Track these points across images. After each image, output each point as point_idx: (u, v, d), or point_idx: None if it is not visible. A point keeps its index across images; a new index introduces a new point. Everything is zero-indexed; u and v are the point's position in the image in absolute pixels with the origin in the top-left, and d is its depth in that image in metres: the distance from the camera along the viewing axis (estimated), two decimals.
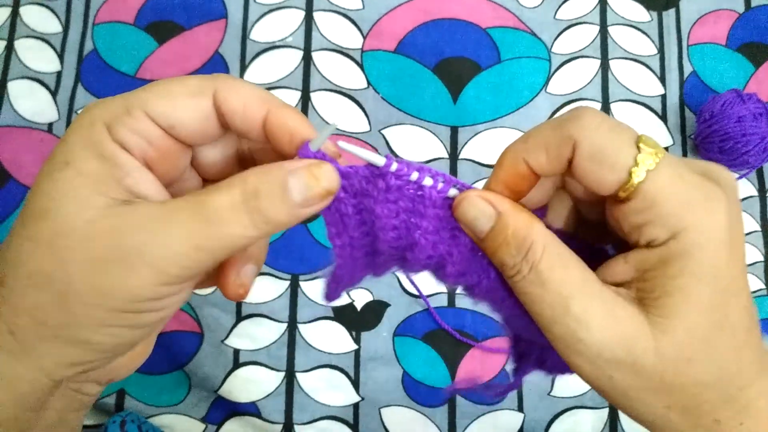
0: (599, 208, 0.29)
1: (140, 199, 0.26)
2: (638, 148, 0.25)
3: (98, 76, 0.67)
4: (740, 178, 0.66)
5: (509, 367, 0.37)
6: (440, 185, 0.28)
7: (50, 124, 0.66)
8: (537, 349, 0.34)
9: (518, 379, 0.36)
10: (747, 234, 0.66)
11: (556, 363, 0.34)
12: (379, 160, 0.28)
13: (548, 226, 0.28)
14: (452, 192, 0.29)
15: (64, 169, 0.25)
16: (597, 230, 0.30)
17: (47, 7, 0.69)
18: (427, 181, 0.28)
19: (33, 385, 0.27)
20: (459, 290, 0.33)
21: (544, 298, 0.27)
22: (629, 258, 0.27)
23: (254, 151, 0.31)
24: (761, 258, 0.65)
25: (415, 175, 0.28)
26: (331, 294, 0.34)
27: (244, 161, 0.31)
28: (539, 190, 0.29)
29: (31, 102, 0.67)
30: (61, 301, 0.25)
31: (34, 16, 0.69)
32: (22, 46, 0.68)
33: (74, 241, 0.25)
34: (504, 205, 0.28)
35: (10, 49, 0.68)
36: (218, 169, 0.31)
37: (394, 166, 0.28)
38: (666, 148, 0.67)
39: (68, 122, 0.66)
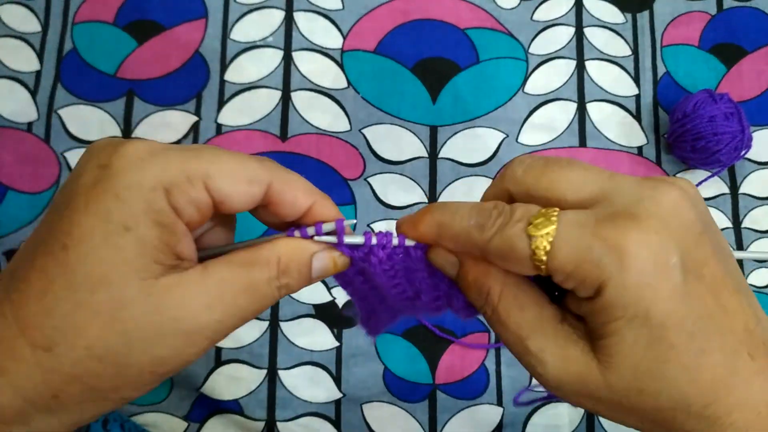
0: None
1: (183, 262, 0.28)
2: (529, 234, 0.27)
3: (78, 75, 0.67)
4: (712, 176, 0.68)
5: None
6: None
7: (29, 124, 0.66)
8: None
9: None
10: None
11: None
12: (359, 239, 0.31)
13: None
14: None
15: (124, 236, 0.25)
16: None
17: (26, 6, 0.69)
18: (409, 242, 0.32)
19: None
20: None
21: (505, 338, 0.30)
22: (576, 305, 0.29)
23: (273, 190, 0.32)
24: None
25: (395, 241, 0.31)
26: (372, 332, 0.41)
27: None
28: None
29: (10, 102, 0.67)
30: (118, 371, 0.26)
31: (13, 15, 0.69)
32: (0, 45, 0.68)
33: (136, 314, 0.26)
34: (463, 255, 0.30)
35: None
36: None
37: (374, 240, 0.31)
38: (640, 147, 0.68)
39: (48, 122, 0.66)
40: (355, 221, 0.32)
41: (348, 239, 0.31)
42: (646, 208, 0.26)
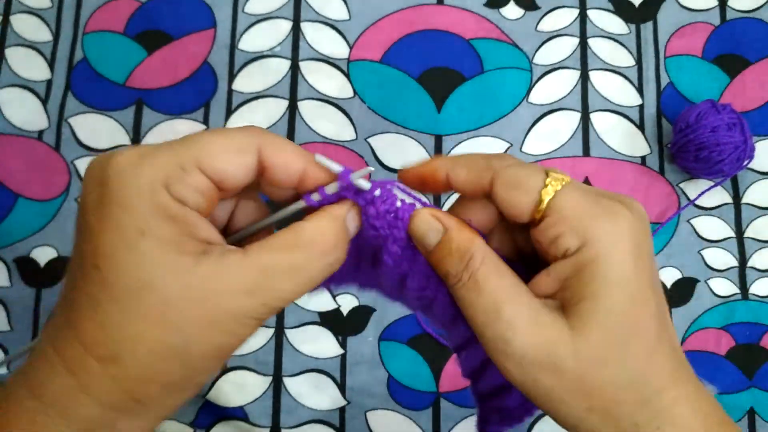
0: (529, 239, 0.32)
1: (213, 246, 0.28)
2: (547, 174, 0.30)
3: (88, 84, 0.68)
4: (715, 185, 0.68)
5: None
6: (407, 200, 0.32)
7: (40, 132, 0.67)
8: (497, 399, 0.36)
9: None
10: (722, 240, 0.68)
11: (514, 410, 0.36)
12: (365, 185, 0.31)
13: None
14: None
15: (142, 239, 0.26)
16: (531, 261, 0.33)
17: (38, 15, 0.70)
18: (405, 199, 0.32)
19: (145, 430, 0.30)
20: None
21: (479, 303, 0.30)
22: (551, 271, 0.30)
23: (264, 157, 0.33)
24: (736, 264, 0.67)
25: (401, 196, 0.32)
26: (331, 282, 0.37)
27: None
28: (484, 216, 0.33)
29: (22, 110, 0.68)
30: (184, 364, 0.28)
31: (24, 25, 0.70)
32: (12, 54, 0.69)
33: (182, 308, 0.27)
34: (450, 222, 0.31)
35: (0, 57, 0.69)
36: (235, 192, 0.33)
37: (378, 192, 0.31)
38: (644, 157, 0.69)
39: (58, 130, 0.67)
40: (371, 169, 0.31)
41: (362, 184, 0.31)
42: (630, 202, 0.30)
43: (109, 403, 0.28)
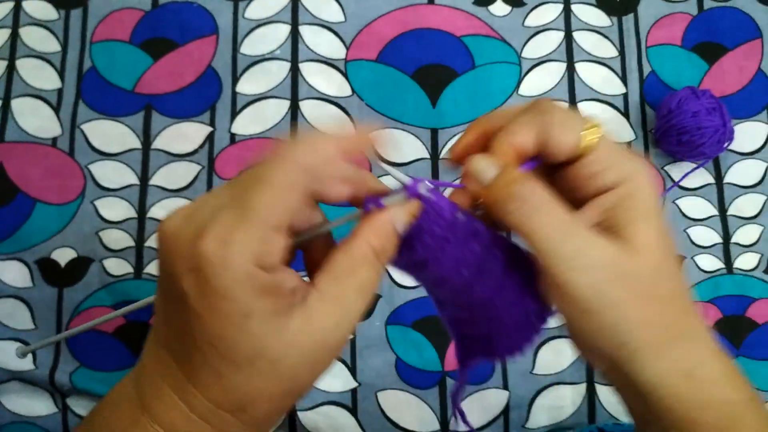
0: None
1: (295, 293, 0.31)
2: (584, 120, 0.33)
3: (98, 92, 0.71)
4: (698, 167, 0.72)
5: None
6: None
7: (54, 139, 0.70)
8: (482, 341, 0.39)
9: (464, 375, 0.41)
10: (706, 218, 0.72)
11: (503, 346, 0.39)
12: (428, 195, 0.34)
13: None
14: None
15: (249, 321, 0.29)
16: None
17: (46, 27, 0.73)
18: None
19: None
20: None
21: (550, 221, 0.32)
22: (592, 206, 0.34)
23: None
24: (720, 240, 0.71)
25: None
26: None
27: None
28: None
29: (35, 118, 0.71)
30: (296, 397, 0.33)
31: (33, 37, 0.73)
32: (23, 65, 0.72)
33: (292, 363, 0.30)
34: (502, 160, 0.34)
35: (11, 68, 0.72)
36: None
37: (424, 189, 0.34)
38: (629, 143, 0.73)
39: (71, 137, 0.70)
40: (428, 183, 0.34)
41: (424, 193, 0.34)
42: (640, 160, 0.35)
43: None
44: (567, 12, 0.76)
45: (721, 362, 0.34)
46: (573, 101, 0.73)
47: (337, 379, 0.67)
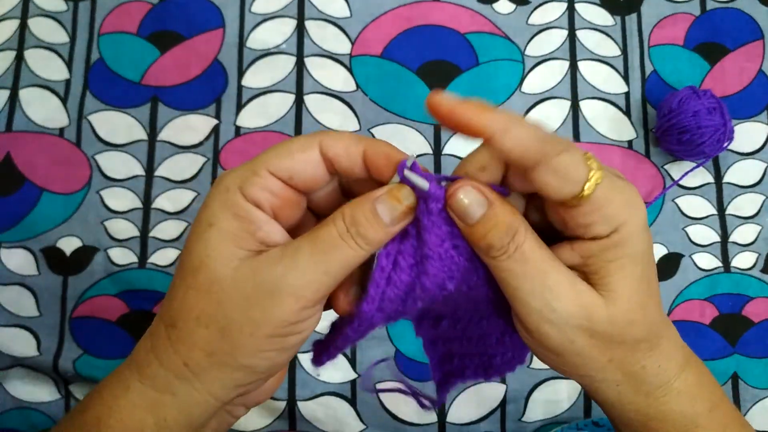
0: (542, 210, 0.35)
1: (271, 248, 0.32)
2: (588, 166, 0.30)
3: (105, 83, 0.72)
4: (698, 166, 0.73)
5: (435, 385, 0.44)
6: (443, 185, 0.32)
7: (61, 129, 0.71)
8: (458, 362, 0.40)
9: (444, 395, 0.43)
10: (705, 217, 0.72)
11: (475, 370, 0.41)
12: (424, 184, 0.31)
13: None
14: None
15: (208, 230, 0.32)
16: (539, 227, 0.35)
17: (54, 18, 0.74)
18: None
19: (203, 407, 0.34)
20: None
21: (526, 273, 0.32)
22: (575, 247, 0.33)
23: (353, 185, 0.36)
24: (718, 239, 0.72)
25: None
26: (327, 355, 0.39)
27: (348, 195, 0.37)
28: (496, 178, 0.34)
29: (43, 109, 0.71)
30: (224, 335, 0.32)
31: (42, 28, 0.74)
32: (31, 55, 0.73)
33: (226, 286, 0.31)
34: (492, 195, 0.32)
35: (20, 59, 0.73)
36: (330, 207, 0.36)
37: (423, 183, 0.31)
38: (630, 141, 0.73)
39: (78, 127, 0.71)
40: (413, 157, 0.32)
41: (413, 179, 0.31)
42: (634, 186, 0.33)
43: (167, 364, 0.33)
44: (571, 11, 0.76)
45: (684, 376, 0.35)
46: (575, 99, 0.74)
47: (337, 370, 0.68)
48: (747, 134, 0.74)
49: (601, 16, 0.76)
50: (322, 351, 0.38)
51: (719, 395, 0.37)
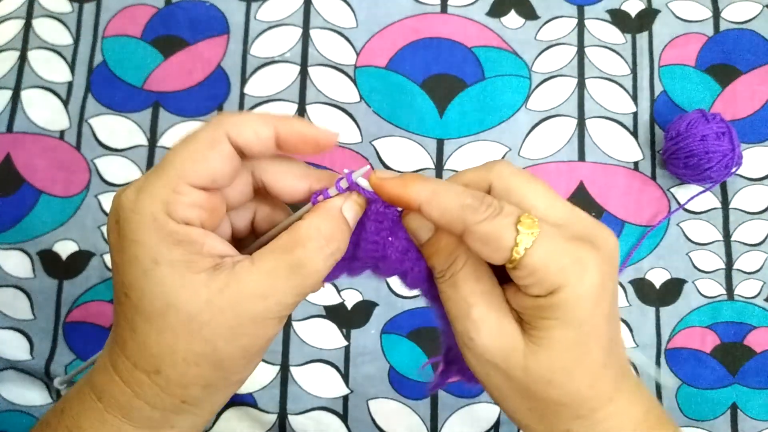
0: None
1: (224, 259, 0.31)
2: (518, 229, 0.30)
3: (107, 86, 0.72)
4: (704, 191, 0.71)
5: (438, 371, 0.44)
6: None
7: (62, 132, 0.71)
8: (461, 359, 0.40)
9: (442, 380, 0.42)
10: (710, 243, 0.71)
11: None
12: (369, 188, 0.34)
13: None
14: None
15: (157, 269, 0.30)
16: None
17: (59, 20, 0.74)
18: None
19: (201, 426, 0.35)
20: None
21: (454, 300, 0.33)
22: (514, 296, 0.33)
23: (265, 182, 0.35)
24: (722, 266, 0.71)
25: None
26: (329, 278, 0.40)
27: (257, 191, 0.36)
28: None
29: (44, 110, 0.71)
30: (217, 367, 0.32)
31: (46, 29, 0.73)
32: (34, 56, 0.73)
33: (206, 321, 0.30)
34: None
35: (23, 59, 0.73)
36: (242, 202, 0.36)
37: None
38: (636, 163, 0.72)
39: (79, 130, 0.70)
40: (368, 167, 0.34)
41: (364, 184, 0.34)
42: (602, 240, 0.32)
43: (162, 406, 0.32)
44: (581, 27, 0.75)
45: (620, 419, 0.34)
46: (582, 118, 0.73)
47: (329, 386, 0.67)
48: (756, 159, 0.73)
49: (611, 34, 0.75)
50: None
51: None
